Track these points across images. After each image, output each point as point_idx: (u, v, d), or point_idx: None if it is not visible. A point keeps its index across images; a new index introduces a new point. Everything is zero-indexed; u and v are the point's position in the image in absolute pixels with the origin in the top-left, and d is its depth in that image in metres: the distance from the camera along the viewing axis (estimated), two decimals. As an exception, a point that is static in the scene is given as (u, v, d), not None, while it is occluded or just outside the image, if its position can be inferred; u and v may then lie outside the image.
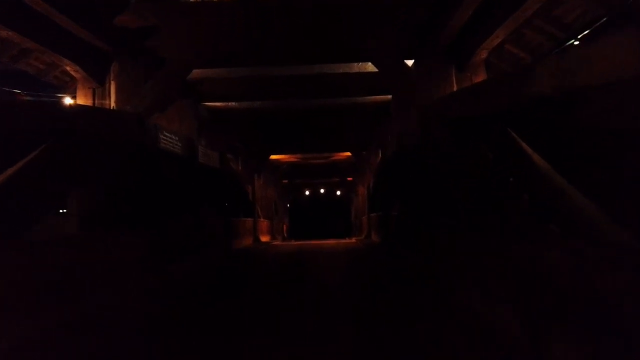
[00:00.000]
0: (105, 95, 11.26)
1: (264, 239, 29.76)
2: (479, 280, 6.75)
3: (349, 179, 39.80)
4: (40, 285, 5.85)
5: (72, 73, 12.72)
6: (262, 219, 29.98)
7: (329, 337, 5.59)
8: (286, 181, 40.71)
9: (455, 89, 11.49)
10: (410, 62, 13.21)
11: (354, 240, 28.70)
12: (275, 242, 28.38)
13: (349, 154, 31.66)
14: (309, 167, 37.22)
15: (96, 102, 12.07)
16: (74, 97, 13.38)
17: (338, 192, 47.55)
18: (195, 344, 5.35)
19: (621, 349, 3.42)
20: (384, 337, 5.47)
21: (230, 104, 17.59)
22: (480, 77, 10.95)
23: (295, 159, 32.71)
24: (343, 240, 30.93)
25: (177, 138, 13.60)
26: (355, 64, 13.86)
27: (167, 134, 12.82)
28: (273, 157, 31.47)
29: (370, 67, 13.79)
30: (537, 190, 7.14)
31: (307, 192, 46.69)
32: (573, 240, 5.39)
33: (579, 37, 11.76)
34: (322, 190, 46.18)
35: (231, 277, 11.00)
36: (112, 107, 11.23)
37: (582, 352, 3.82)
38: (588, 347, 3.75)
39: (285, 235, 42.66)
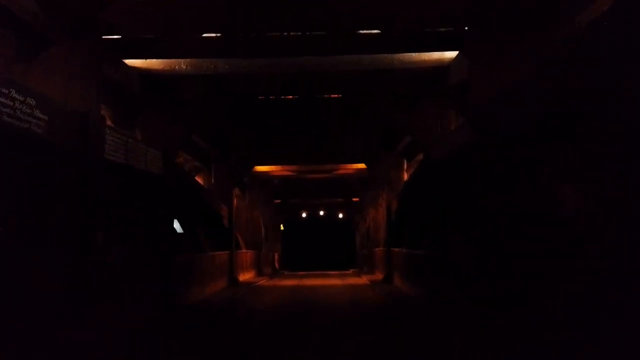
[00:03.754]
0: None
1: (246, 276, 22.45)
2: None
3: (354, 199, 32.77)
4: None
5: None
6: (244, 250, 22.73)
7: None
8: (279, 201, 33.53)
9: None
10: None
11: (364, 280, 21.40)
12: (260, 282, 21.06)
13: (356, 167, 24.61)
14: (306, 183, 30.10)
15: None
16: None
17: (340, 215, 40.36)
18: None
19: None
20: None
21: (178, 67, 10.55)
22: None
23: (290, 173, 25.63)
24: (350, 279, 23.61)
25: (32, 102, 6.49)
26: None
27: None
28: (260, 168, 24.38)
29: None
30: None
31: (303, 214, 39.48)
32: None
33: None
34: (321, 213, 38.98)
35: None
36: None
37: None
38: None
39: (277, 266, 35.29)
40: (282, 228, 40.90)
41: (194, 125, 12.63)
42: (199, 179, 19.39)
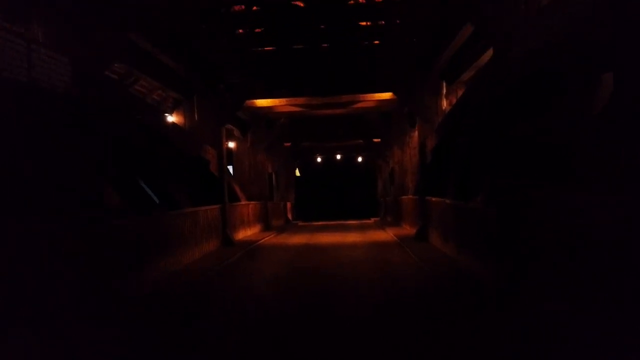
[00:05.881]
0: None
1: (247, 232, 18.70)
2: None
3: (375, 140, 28.52)
4: None
5: None
6: (243, 202, 18.86)
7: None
8: (289, 144, 29.38)
9: None
10: None
11: (391, 235, 17.44)
12: (263, 240, 17.27)
13: (378, 97, 19.99)
14: (319, 121, 25.88)
15: None
16: None
17: (360, 159, 36.19)
18: None
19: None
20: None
21: None
22: None
23: (298, 108, 21.23)
24: (372, 233, 19.68)
25: None
26: None
27: None
28: (261, 103, 20.02)
29: None
30: None
31: (318, 159, 35.38)
32: None
33: None
34: (338, 156, 34.79)
35: None
36: None
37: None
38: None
39: (290, 217, 31.61)
40: (297, 174, 36.97)
41: (132, 18, 8.30)
42: (177, 116, 15.23)
